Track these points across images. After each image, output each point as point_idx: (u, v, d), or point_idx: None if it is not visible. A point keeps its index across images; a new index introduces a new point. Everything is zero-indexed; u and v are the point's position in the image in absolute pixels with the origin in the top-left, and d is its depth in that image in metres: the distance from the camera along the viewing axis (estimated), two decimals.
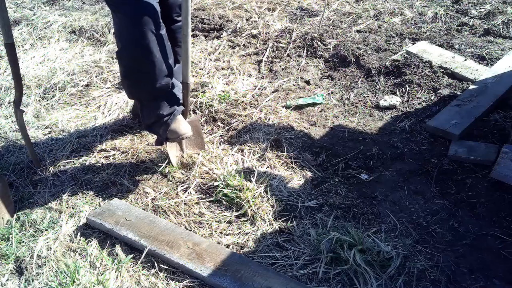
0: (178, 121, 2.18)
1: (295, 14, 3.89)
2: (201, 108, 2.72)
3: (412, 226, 1.95)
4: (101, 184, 2.23)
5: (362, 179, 2.22)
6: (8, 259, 1.84)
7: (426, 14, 3.66)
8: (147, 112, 2.18)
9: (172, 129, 2.16)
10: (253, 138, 2.46)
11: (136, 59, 2.02)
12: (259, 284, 1.64)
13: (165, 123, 2.16)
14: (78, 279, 1.70)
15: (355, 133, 2.54)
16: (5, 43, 1.94)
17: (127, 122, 2.67)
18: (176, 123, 2.17)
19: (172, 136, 2.18)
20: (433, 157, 2.30)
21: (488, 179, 2.13)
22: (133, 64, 2.05)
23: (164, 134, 2.18)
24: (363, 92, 2.90)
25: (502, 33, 3.33)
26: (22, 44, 3.60)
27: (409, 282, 1.70)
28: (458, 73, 2.86)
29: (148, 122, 2.20)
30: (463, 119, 2.42)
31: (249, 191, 2.07)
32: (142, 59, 2.00)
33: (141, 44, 1.96)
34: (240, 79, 3.03)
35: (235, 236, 1.93)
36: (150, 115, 2.17)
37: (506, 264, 1.76)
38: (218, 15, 3.87)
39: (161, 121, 2.16)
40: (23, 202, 2.12)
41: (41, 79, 3.12)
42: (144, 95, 2.16)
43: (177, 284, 1.71)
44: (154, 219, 1.96)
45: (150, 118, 2.18)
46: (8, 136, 2.59)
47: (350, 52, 3.19)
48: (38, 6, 4.23)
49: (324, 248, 1.77)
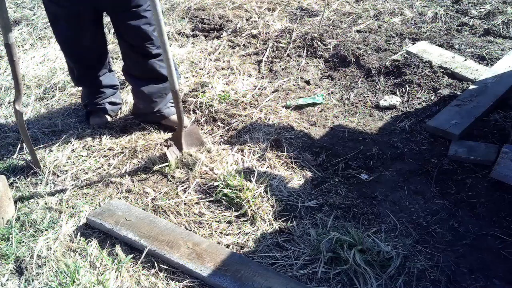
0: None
1: (295, 14, 3.89)
2: (201, 108, 2.72)
3: (412, 226, 1.95)
4: (101, 184, 2.23)
5: (362, 179, 2.22)
6: (8, 259, 1.84)
7: (426, 14, 3.66)
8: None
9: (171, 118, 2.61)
10: (253, 138, 2.46)
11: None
12: (259, 284, 1.64)
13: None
14: (78, 279, 1.70)
15: (355, 133, 2.54)
16: (5, 43, 1.94)
17: (127, 122, 2.67)
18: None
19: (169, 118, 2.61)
20: (433, 157, 2.30)
21: (488, 179, 2.13)
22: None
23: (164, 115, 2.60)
24: (363, 92, 2.90)
25: (502, 33, 3.33)
26: (22, 44, 3.60)
27: (409, 282, 1.70)
28: (458, 73, 2.86)
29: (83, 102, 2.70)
30: (463, 119, 2.42)
31: (249, 191, 2.07)
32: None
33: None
34: (240, 79, 3.03)
35: (235, 236, 1.93)
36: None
37: (506, 264, 1.76)
38: (218, 15, 3.87)
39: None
40: (23, 202, 2.12)
41: (41, 79, 3.12)
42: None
43: (177, 284, 1.71)
44: (154, 219, 1.96)
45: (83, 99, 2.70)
46: (8, 136, 2.59)
47: (350, 52, 3.19)
48: (38, 6, 4.23)
49: (324, 248, 1.77)
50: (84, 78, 2.56)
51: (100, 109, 2.63)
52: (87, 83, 2.60)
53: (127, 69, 2.47)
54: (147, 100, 2.48)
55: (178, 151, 2.33)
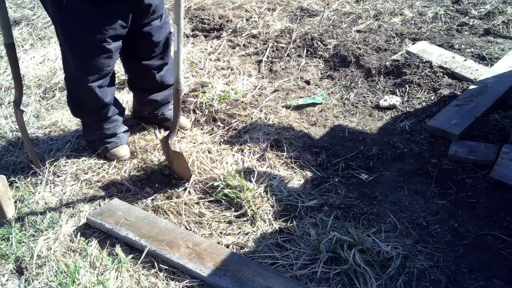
0: (119, 147, 2.38)
1: (295, 14, 3.89)
2: (201, 108, 2.72)
3: (412, 226, 1.95)
4: (101, 184, 2.23)
5: (362, 179, 2.22)
6: (8, 259, 1.84)
7: (426, 14, 3.66)
8: (89, 130, 2.37)
9: (112, 152, 2.35)
10: (253, 138, 2.46)
11: (76, 91, 2.21)
12: (259, 284, 1.64)
13: (105, 142, 2.35)
14: (78, 279, 1.70)
15: (355, 133, 2.54)
16: (5, 43, 1.94)
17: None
18: (116, 148, 2.36)
19: (110, 157, 2.36)
20: (433, 157, 2.30)
21: (488, 179, 2.13)
22: (74, 92, 2.23)
23: (103, 154, 2.37)
24: (363, 92, 2.90)
25: (502, 33, 3.33)
26: (22, 44, 3.60)
27: (409, 282, 1.70)
28: (458, 73, 2.86)
29: (89, 138, 2.40)
30: (463, 119, 2.42)
31: (249, 191, 2.07)
32: (82, 93, 2.17)
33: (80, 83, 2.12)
34: (240, 79, 3.03)
35: (235, 236, 1.93)
36: (92, 133, 2.36)
37: (506, 264, 1.76)
38: (218, 15, 3.87)
39: (102, 141, 2.35)
40: (23, 202, 2.12)
41: (41, 79, 3.12)
42: (84, 117, 2.33)
43: (177, 284, 1.71)
44: (154, 219, 1.96)
45: (91, 135, 2.38)
46: (8, 136, 2.59)
47: (350, 52, 3.19)
48: (38, 6, 4.23)
49: (324, 248, 1.77)
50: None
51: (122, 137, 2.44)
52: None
53: (137, 84, 2.46)
54: (153, 106, 2.49)
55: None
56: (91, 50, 2.02)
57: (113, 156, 2.36)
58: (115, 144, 2.37)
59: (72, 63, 2.07)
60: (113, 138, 2.37)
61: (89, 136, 2.38)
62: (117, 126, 2.38)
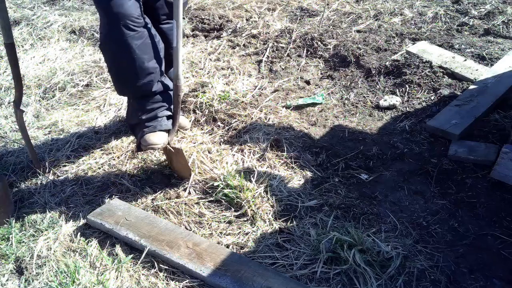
0: (156, 132, 2.08)
1: (295, 14, 3.89)
2: (201, 108, 2.72)
3: (412, 226, 1.95)
4: (101, 184, 2.23)
5: (362, 179, 2.22)
6: (8, 259, 1.84)
7: (426, 14, 3.66)
8: (131, 112, 2.14)
9: (145, 138, 2.05)
10: (253, 138, 2.46)
11: (114, 54, 1.98)
12: (259, 284, 1.64)
13: (144, 126, 2.06)
14: (78, 279, 1.70)
15: (355, 133, 2.54)
16: (5, 43, 1.94)
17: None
18: (150, 134, 2.07)
19: (143, 143, 2.07)
20: (433, 157, 2.30)
21: (488, 179, 2.13)
22: (113, 59, 2.00)
23: (138, 141, 2.10)
24: (363, 92, 2.90)
25: (502, 33, 3.33)
26: (22, 44, 3.60)
27: (409, 282, 1.70)
28: (458, 73, 2.86)
29: (132, 122, 2.15)
30: (463, 119, 2.42)
31: (249, 191, 2.07)
32: (120, 54, 1.95)
33: (116, 39, 1.91)
34: (240, 79, 3.03)
35: (235, 236, 1.93)
36: (133, 115, 2.12)
37: (506, 264, 1.76)
38: (218, 15, 3.87)
39: (141, 125, 2.08)
40: (23, 202, 2.12)
41: (41, 79, 3.12)
42: (128, 92, 2.10)
43: (177, 284, 1.71)
44: (154, 219, 1.96)
45: (133, 118, 2.13)
46: (8, 136, 2.59)
47: (350, 52, 3.19)
48: (38, 6, 4.23)
49: (324, 248, 1.77)
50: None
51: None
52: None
53: None
54: None
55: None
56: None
57: (145, 143, 2.04)
58: (154, 128, 2.07)
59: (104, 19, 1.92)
60: (152, 122, 2.08)
61: (131, 119, 2.14)
62: (160, 109, 2.10)
